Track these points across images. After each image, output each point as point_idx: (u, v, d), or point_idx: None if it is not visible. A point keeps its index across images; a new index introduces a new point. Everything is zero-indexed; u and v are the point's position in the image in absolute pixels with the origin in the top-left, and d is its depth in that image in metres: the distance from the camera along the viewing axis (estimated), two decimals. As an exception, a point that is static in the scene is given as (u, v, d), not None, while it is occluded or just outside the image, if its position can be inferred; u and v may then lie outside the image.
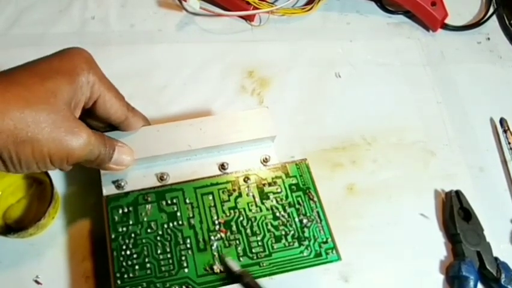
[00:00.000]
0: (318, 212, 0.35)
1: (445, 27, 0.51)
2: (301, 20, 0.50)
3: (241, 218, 0.34)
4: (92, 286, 0.37)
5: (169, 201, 0.34)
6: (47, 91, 0.27)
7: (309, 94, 0.46)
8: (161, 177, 0.36)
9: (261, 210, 0.35)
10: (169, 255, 0.33)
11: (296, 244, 0.34)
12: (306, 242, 0.34)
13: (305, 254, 0.34)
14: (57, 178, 0.38)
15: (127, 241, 0.33)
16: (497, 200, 0.43)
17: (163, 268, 0.32)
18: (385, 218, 0.41)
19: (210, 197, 0.35)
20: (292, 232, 0.34)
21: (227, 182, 0.35)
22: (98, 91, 0.31)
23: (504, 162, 0.45)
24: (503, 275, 0.38)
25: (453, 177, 0.43)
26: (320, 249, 0.34)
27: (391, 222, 0.41)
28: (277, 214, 0.35)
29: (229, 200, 0.35)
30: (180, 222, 0.34)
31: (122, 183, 0.35)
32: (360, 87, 0.47)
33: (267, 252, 0.34)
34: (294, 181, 0.36)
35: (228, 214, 0.34)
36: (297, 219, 0.34)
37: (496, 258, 0.39)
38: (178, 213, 0.34)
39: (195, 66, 0.46)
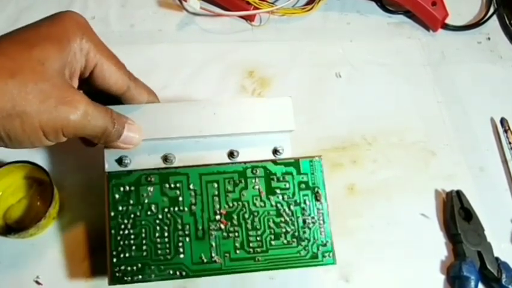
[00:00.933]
0: (322, 214, 0.34)
1: (445, 27, 0.51)
2: (301, 20, 0.50)
3: (244, 211, 0.34)
4: (92, 286, 0.37)
5: (172, 185, 0.33)
6: (33, 59, 0.25)
7: (309, 94, 0.46)
8: (166, 158, 0.34)
9: (265, 205, 0.34)
10: (166, 240, 0.33)
11: (294, 243, 0.33)
12: (305, 243, 0.34)
13: (302, 254, 0.33)
14: (58, 178, 0.38)
15: (125, 221, 0.32)
16: (498, 200, 0.43)
17: (159, 251, 0.32)
18: (385, 218, 0.41)
19: (215, 185, 0.34)
20: (292, 231, 0.34)
21: (234, 172, 0.34)
22: (95, 59, 0.28)
23: (505, 162, 0.45)
24: (504, 275, 0.38)
25: (453, 177, 0.43)
26: (317, 251, 0.33)
27: (391, 222, 0.41)
28: (281, 211, 0.34)
29: (234, 191, 0.34)
30: (181, 208, 0.33)
31: (126, 161, 0.33)
32: (361, 87, 0.47)
33: (264, 248, 0.33)
34: (305, 179, 0.35)
35: (231, 205, 0.34)
36: (300, 219, 0.34)
37: (497, 258, 0.39)
38: (180, 199, 0.33)
39: (195, 66, 0.46)
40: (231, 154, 0.35)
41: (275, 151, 0.35)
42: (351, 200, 0.42)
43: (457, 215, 0.40)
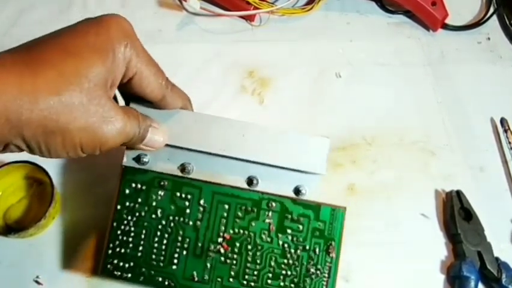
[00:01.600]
0: (330, 268, 0.33)
1: (445, 27, 0.51)
2: (301, 20, 0.50)
3: (248, 241, 0.33)
4: (93, 286, 0.37)
5: (183, 196, 0.33)
6: (81, 76, 0.24)
7: (309, 94, 0.46)
8: (184, 167, 0.33)
9: (271, 242, 0.33)
10: (163, 247, 0.33)
11: None
12: None
13: None
14: (58, 178, 0.38)
15: (129, 217, 0.33)
16: (498, 200, 0.43)
17: (153, 256, 0.32)
18: (385, 218, 0.41)
19: (226, 207, 0.33)
20: (293, 276, 0.32)
21: (249, 199, 0.33)
22: (135, 68, 0.27)
23: (505, 162, 0.45)
24: (503, 275, 0.38)
25: (453, 177, 0.43)
26: None
27: (391, 222, 0.41)
28: (287, 253, 0.33)
29: (243, 218, 0.33)
30: (186, 221, 0.33)
31: (144, 159, 0.32)
32: (360, 87, 0.47)
33: (258, 284, 0.32)
34: (321, 226, 0.33)
35: (236, 231, 0.33)
36: (304, 266, 0.32)
37: (497, 258, 0.39)
38: (188, 211, 0.33)
39: (195, 66, 0.46)
40: (250, 181, 0.33)
41: (298, 190, 0.33)
42: (351, 200, 0.42)
43: (456, 215, 0.40)
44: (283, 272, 0.32)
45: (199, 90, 0.45)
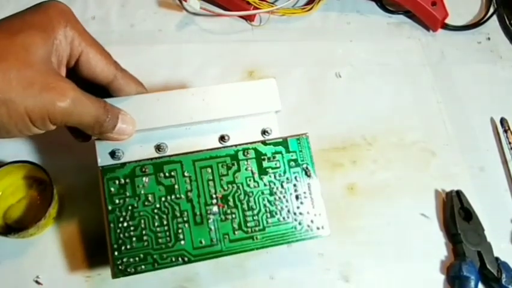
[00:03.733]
0: (313, 189, 0.35)
1: (445, 27, 0.51)
2: (301, 20, 0.50)
3: (239, 193, 0.34)
4: (93, 286, 0.37)
5: (167, 174, 0.34)
6: (17, 45, 0.25)
7: (309, 94, 0.46)
8: (159, 148, 0.34)
9: (258, 186, 0.35)
10: (166, 228, 0.33)
11: (290, 219, 0.34)
12: (299, 217, 0.34)
13: (297, 228, 0.34)
14: (58, 178, 0.38)
15: (124, 213, 0.33)
16: (498, 200, 0.43)
17: (159, 240, 0.33)
18: (385, 218, 0.41)
19: (209, 170, 0.34)
20: (286, 207, 0.34)
21: (226, 156, 0.35)
22: (80, 47, 0.28)
23: (504, 162, 0.45)
24: (503, 275, 0.38)
25: (453, 177, 0.43)
26: (312, 224, 0.34)
27: (391, 222, 0.41)
28: (274, 189, 0.35)
29: (227, 174, 0.34)
30: (178, 196, 0.34)
31: (119, 154, 0.33)
32: (360, 87, 0.47)
33: (261, 227, 0.34)
34: (294, 156, 0.35)
35: (225, 188, 0.34)
36: (293, 195, 0.35)
37: (497, 258, 0.39)
38: (176, 186, 0.34)
39: (194, 66, 0.46)
40: (222, 138, 0.35)
41: (264, 132, 0.36)
42: (351, 200, 0.42)
43: (456, 215, 0.40)
44: (278, 207, 0.34)
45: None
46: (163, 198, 0.33)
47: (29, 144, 0.40)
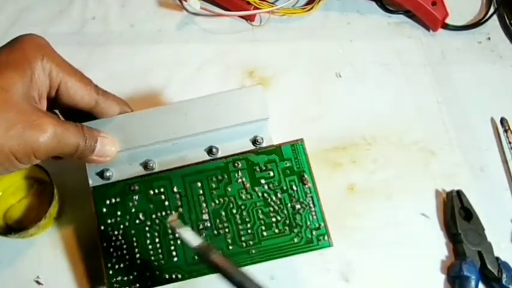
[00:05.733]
0: (312, 198, 0.34)
1: (446, 27, 0.51)
2: (301, 20, 0.50)
3: (231, 206, 0.33)
4: (93, 286, 0.37)
5: (156, 191, 0.34)
6: None
7: (309, 94, 0.46)
8: (146, 165, 0.34)
9: (251, 197, 0.34)
10: (158, 246, 0.33)
11: (287, 231, 0.33)
12: (298, 229, 0.33)
13: (296, 240, 0.33)
14: (58, 178, 0.38)
15: (116, 232, 0.33)
16: (498, 200, 0.43)
17: (152, 258, 0.33)
18: (385, 218, 0.41)
19: (199, 185, 0.34)
20: (283, 219, 0.33)
21: (216, 169, 0.34)
22: (58, 78, 0.28)
23: (505, 162, 0.45)
24: (504, 275, 0.38)
25: (453, 177, 0.43)
26: (312, 235, 0.33)
27: (392, 222, 0.41)
28: (269, 200, 0.34)
29: (218, 188, 0.34)
30: (168, 212, 0.33)
31: (108, 174, 0.34)
32: (360, 87, 0.47)
33: (256, 240, 0.33)
34: (288, 164, 0.34)
35: (217, 202, 0.33)
36: (289, 205, 0.34)
37: (497, 258, 0.39)
38: (166, 203, 0.33)
39: (195, 66, 0.46)
40: (210, 151, 0.34)
41: (255, 141, 0.34)
42: (351, 200, 0.42)
43: (457, 214, 0.40)
44: (273, 219, 0.33)
45: (199, 91, 0.45)
46: (153, 215, 0.33)
47: (29, 144, 0.40)
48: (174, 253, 0.33)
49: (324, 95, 0.46)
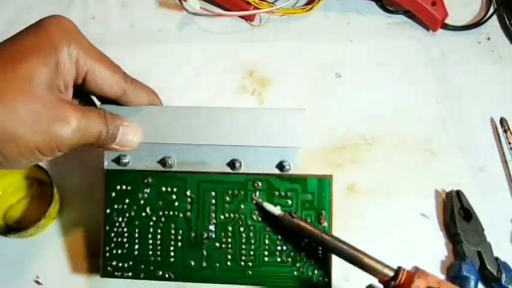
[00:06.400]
0: None
1: (445, 27, 0.51)
2: (301, 20, 0.50)
3: (240, 223, 0.33)
4: (93, 286, 0.37)
5: (169, 189, 0.33)
6: (20, 78, 0.24)
7: (309, 94, 0.46)
8: (165, 162, 0.33)
9: (262, 221, 0.33)
10: (158, 242, 0.33)
11: (289, 263, 0.32)
12: (300, 264, 0.32)
13: (295, 274, 0.32)
14: (58, 178, 0.38)
15: (120, 219, 0.33)
16: (498, 200, 0.43)
17: (150, 253, 0.33)
18: (385, 218, 0.41)
19: (213, 194, 0.33)
20: (289, 250, 0.33)
21: (234, 183, 0.33)
22: (85, 66, 0.27)
23: (504, 162, 0.45)
24: (503, 275, 0.38)
25: (453, 177, 0.43)
26: (312, 274, 0.32)
27: (391, 222, 0.41)
28: (279, 228, 0.32)
29: (232, 202, 0.33)
30: (176, 213, 0.33)
31: (125, 160, 0.33)
32: (360, 87, 0.47)
33: (256, 263, 0.32)
34: (310, 197, 0.33)
35: (227, 216, 0.33)
36: (299, 239, 0.32)
37: (497, 258, 0.39)
38: (176, 203, 0.33)
39: (195, 66, 0.46)
40: (232, 164, 0.33)
41: (281, 166, 0.33)
42: (351, 200, 0.42)
43: (456, 215, 0.40)
44: (279, 247, 0.33)
45: (199, 91, 0.45)
46: (160, 213, 0.33)
47: (29, 144, 0.40)
48: (172, 254, 0.33)
49: (324, 95, 0.46)
